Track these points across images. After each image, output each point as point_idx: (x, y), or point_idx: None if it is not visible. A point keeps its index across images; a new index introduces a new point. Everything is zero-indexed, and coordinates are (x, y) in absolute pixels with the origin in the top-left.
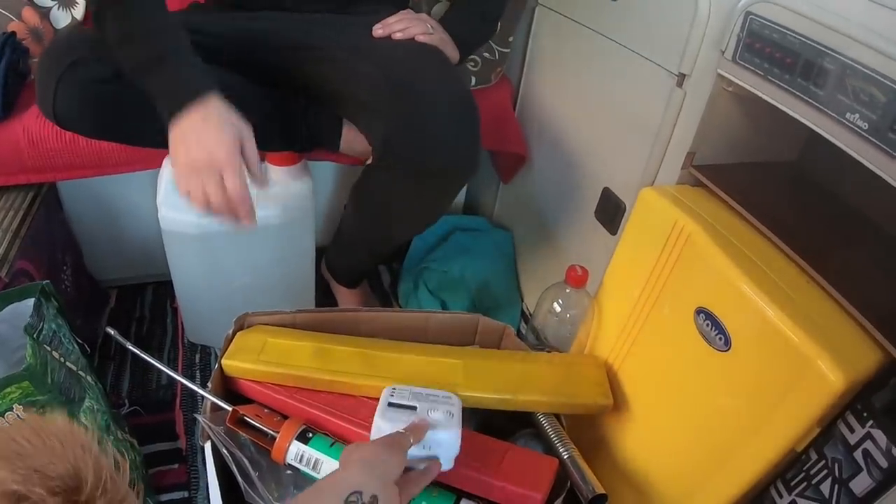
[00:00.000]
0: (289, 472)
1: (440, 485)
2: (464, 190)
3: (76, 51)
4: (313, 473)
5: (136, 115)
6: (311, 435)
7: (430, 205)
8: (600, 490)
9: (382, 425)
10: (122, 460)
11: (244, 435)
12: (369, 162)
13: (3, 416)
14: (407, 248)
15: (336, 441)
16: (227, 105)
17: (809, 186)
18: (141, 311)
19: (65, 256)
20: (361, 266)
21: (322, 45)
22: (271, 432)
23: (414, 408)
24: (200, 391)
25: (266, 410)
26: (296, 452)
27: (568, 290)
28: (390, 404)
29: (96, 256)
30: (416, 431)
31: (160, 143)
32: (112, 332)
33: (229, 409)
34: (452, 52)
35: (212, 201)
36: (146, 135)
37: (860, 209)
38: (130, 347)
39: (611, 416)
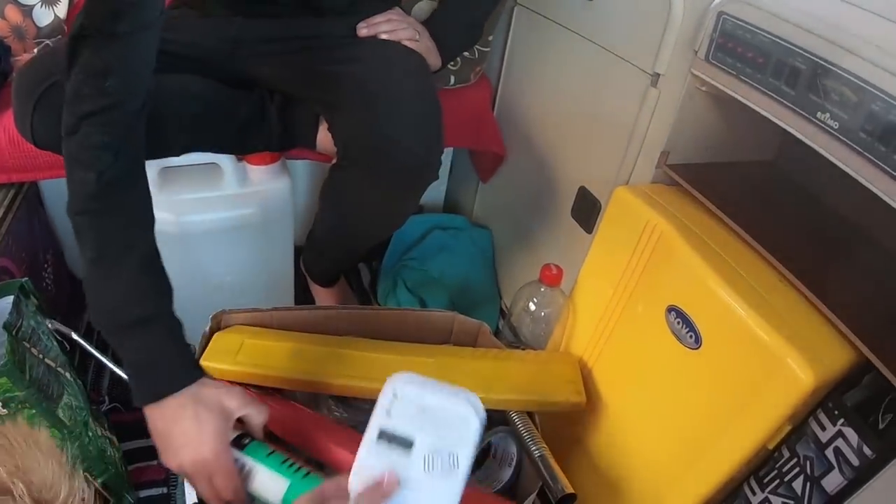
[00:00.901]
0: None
1: None
2: (443, 189)
3: (51, 74)
4: (246, 483)
5: None
6: (246, 441)
7: (390, 206)
8: (569, 490)
9: (365, 466)
10: (88, 491)
11: None
12: (334, 162)
13: None
14: (386, 247)
15: (275, 450)
16: (208, 384)
17: (785, 186)
18: None
19: (46, 255)
20: (335, 265)
21: (296, 49)
22: None
23: (410, 444)
24: None
25: None
26: None
27: (543, 289)
28: (381, 435)
29: (78, 255)
30: (374, 497)
31: None
32: (53, 326)
33: None
34: (434, 60)
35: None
36: None
37: (835, 209)
38: (75, 337)
39: (585, 414)
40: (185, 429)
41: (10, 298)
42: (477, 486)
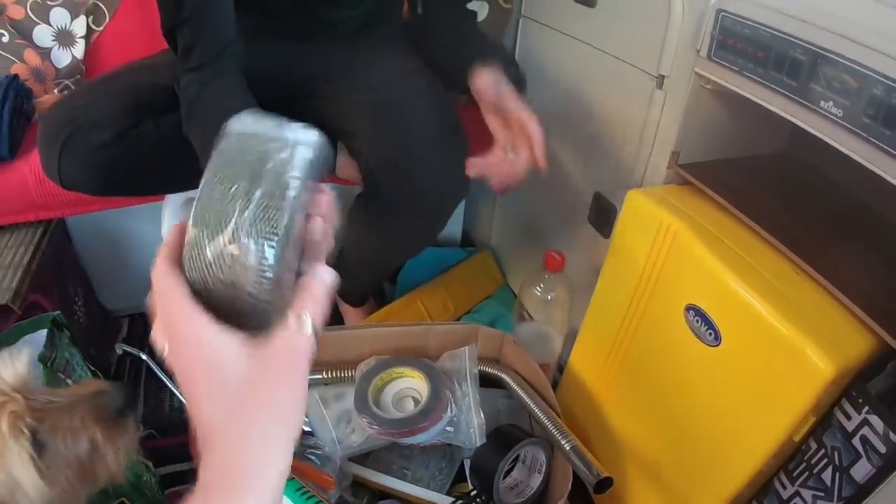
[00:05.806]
0: None
1: None
2: (460, 213)
3: (74, 119)
4: None
5: (137, 174)
6: None
7: (417, 232)
8: (604, 473)
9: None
10: None
11: None
12: (360, 191)
13: None
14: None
15: (291, 478)
16: None
17: (798, 176)
18: None
19: (76, 289)
20: (364, 286)
21: (313, 80)
22: None
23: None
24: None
25: None
26: None
27: (547, 276)
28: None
29: (107, 287)
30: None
31: (163, 191)
32: (124, 348)
33: None
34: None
35: None
36: (149, 188)
37: (850, 195)
38: (144, 357)
39: (611, 416)
40: None
41: (44, 332)
42: None
